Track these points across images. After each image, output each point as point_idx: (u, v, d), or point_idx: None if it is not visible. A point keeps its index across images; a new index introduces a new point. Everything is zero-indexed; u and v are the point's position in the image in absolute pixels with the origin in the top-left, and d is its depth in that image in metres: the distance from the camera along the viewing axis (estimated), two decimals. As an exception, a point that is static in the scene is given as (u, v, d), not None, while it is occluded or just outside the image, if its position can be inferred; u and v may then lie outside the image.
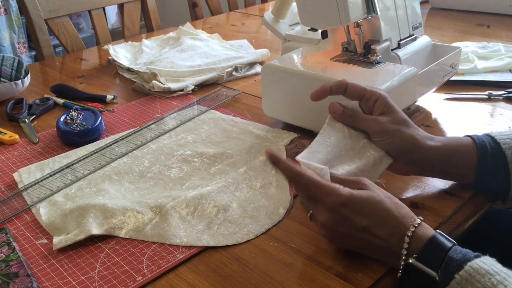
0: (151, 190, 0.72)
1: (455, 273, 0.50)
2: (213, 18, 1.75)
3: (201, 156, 0.80)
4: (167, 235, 0.62)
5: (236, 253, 0.60)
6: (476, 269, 0.49)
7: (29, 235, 0.64)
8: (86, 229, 0.62)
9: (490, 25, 1.43)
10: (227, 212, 0.66)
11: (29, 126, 0.93)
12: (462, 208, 0.66)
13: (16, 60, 1.05)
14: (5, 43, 2.53)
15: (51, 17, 1.39)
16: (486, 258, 0.50)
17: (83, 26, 2.89)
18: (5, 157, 0.83)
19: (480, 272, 0.48)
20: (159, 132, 0.89)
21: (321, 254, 0.58)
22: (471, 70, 1.07)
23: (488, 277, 0.48)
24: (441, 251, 0.52)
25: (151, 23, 1.64)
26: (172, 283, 0.56)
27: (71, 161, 0.80)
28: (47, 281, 0.57)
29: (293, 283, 0.55)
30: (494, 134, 0.66)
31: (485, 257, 0.51)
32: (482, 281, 0.48)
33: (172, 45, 1.29)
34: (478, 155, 0.64)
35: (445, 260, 0.51)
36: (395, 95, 0.79)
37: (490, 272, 0.48)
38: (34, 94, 1.09)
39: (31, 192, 0.72)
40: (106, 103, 1.03)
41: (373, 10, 0.84)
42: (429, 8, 1.66)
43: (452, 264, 0.50)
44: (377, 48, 0.86)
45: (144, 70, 1.10)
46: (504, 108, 0.93)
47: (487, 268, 0.49)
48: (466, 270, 0.49)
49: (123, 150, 0.83)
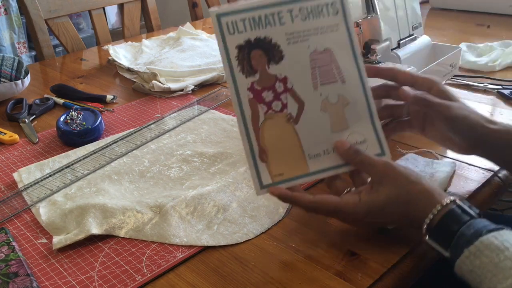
0: (151, 190, 0.72)
1: (464, 248, 0.50)
2: (213, 18, 1.75)
3: (201, 156, 0.80)
4: (167, 235, 0.62)
5: (236, 252, 0.60)
6: (486, 244, 0.49)
7: (29, 234, 0.64)
8: (86, 229, 0.62)
9: (490, 25, 1.43)
10: (227, 211, 0.66)
11: (29, 126, 0.93)
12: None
13: (16, 60, 1.05)
14: (5, 43, 2.53)
15: (51, 17, 1.39)
16: (501, 232, 0.50)
17: (83, 26, 2.89)
18: (5, 157, 0.83)
19: (489, 247, 0.48)
20: (159, 132, 0.89)
21: (321, 254, 0.58)
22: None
23: (496, 252, 0.48)
24: (455, 226, 0.52)
25: (151, 23, 1.64)
26: (172, 283, 0.56)
27: (71, 161, 0.80)
28: (46, 280, 0.57)
29: (293, 283, 0.55)
30: None
31: (502, 231, 0.50)
32: (490, 256, 0.48)
33: (172, 45, 1.29)
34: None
35: (456, 236, 0.51)
36: (395, 95, 0.79)
37: (500, 248, 0.48)
38: (34, 94, 1.09)
39: (31, 192, 0.72)
40: (106, 103, 1.03)
41: (373, 10, 0.84)
42: (429, 8, 1.66)
43: (462, 239, 0.50)
44: (377, 48, 0.86)
45: (144, 70, 1.10)
46: (504, 108, 0.93)
47: (497, 243, 0.48)
48: (476, 245, 0.49)
49: (123, 150, 0.83)
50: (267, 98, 0.59)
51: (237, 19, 0.57)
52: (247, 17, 0.58)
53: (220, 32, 0.57)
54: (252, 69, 0.58)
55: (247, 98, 0.58)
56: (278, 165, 0.58)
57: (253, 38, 0.58)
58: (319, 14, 0.61)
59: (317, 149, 0.60)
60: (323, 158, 0.60)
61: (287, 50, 0.59)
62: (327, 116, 0.61)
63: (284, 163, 0.59)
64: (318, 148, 0.60)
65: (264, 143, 0.58)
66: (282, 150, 0.59)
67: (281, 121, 0.59)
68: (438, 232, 0.53)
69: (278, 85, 0.59)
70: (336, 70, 0.61)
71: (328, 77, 0.61)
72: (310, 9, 0.60)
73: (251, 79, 0.58)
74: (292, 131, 0.59)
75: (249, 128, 0.58)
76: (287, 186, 0.58)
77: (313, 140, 0.60)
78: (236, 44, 0.57)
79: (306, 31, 0.60)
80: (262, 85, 0.58)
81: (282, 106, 0.59)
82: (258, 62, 0.58)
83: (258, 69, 0.58)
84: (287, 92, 0.59)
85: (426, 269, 0.58)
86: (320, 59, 0.60)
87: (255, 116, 0.58)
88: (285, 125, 0.59)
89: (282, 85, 0.59)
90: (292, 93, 0.59)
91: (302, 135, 0.59)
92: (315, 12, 0.60)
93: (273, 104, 0.59)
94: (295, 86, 0.59)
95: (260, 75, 0.58)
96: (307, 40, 0.60)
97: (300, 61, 0.60)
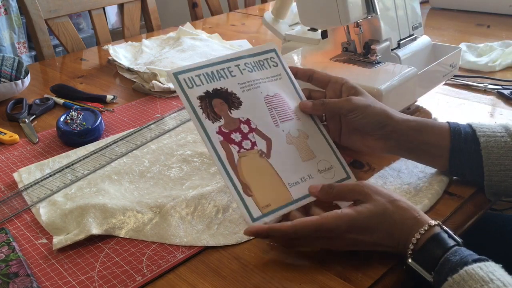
0: (151, 190, 0.72)
1: (448, 276, 0.49)
2: (213, 18, 1.75)
3: (201, 156, 0.80)
4: (167, 235, 0.62)
5: (236, 253, 0.60)
6: (471, 275, 0.48)
7: (29, 235, 0.64)
8: (86, 229, 0.62)
9: (490, 25, 1.43)
10: (227, 212, 0.66)
11: (29, 126, 0.93)
12: (462, 208, 0.66)
13: (16, 60, 1.05)
14: (5, 43, 2.53)
15: (51, 17, 1.39)
16: (487, 264, 0.49)
17: (83, 26, 2.89)
18: (5, 157, 0.83)
19: (474, 278, 0.47)
20: (159, 132, 0.89)
21: (321, 254, 0.58)
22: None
23: (480, 283, 0.47)
24: (440, 250, 0.51)
25: (151, 23, 1.64)
26: (172, 283, 0.56)
27: (71, 161, 0.80)
28: (47, 281, 0.57)
29: (293, 283, 0.55)
30: (472, 123, 0.67)
31: (487, 262, 0.49)
32: (474, 286, 0.47)
33: (172, 45, 1.29)
34: (451, 136, 0.65)
35: (441, 261, 0.51)
36: (395, 95, 0.80)
37: (485, 279, 0.47)
38: (34, 94, 1.09)
39: (31, 192, 0.72)
40: (106, 103, 1.03)
41: (373, 10, 0.84)
42: (429, 8, 1.66)
43: (447, 266, 0.50)
44: (377, 48, 0.86)
45: (144, 70, 1.10)
46: (504, 108, 0.93)
47: (482, 274, 0.47)
48: (460, 274, 0.48)
49: (123, 150, 0.83)
50: (236, 139, 0.63)
51: (193, 75, 0.64)
52: (201, 73, 0.65)
53: (180, 87, 0.63)
54: (216, 115, 0.63)
55: (218, 140, 0.61)
56: (264, 196, 0.60)
57: (211, 89, 0.64)
58: (262, 66, 0.69)
59: (295, 178, 0.64)
60: (302, 185, 0.63)
61: (243, 96, 0.66)
62: (294, 148, 0.66)
63: (268, 194, 0.61)
64: (295, 176, 0.64)
65: (245, 179, 0.60)
66: (263, 182, 0.61)
67: (255, 157, 0.63)
68: (422, 255, 0.52)
69: (243, 127, 0.64)
70: (289, 109, 0.68)
71: (285, 115, 0.67)
72: (254, 63, 0.69)
73: (217, 124, 0.62)
74: (267, 164, 0.63)
75: (227, 168, 0.60)
76: (276, 216, 0.60)
77: (289, 170, 0.64)
78: (197, 95, 0.63)
79: (255, 80, 0.68)
80: (229, 128, 0.63)
81: (252, 144, 0.63)
82: (221, 109, 0.64)
83: (222, 114, 0.63)
84: (253, 132, 0.65)
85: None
86: (274, 101, 0.67)
87: (230, 156, 0.61)
88: (260, 160, 0.63)
89: (247, 126, 0.64)
90: (257, 132, 0.65)
91: (277, 167, 0.63)
92: (259, 66, 0.69)
93: (243, 143, 0.63)
94: (258, 126, 0.65)
95: (225, 120, 0.63)
96: (259, 87, 0.67)
97: (257, 104, 0.66)
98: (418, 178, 0.70)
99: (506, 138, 0.64)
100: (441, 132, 0.66)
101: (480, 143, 0.64)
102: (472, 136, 0.65)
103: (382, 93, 0.77)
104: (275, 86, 0.69)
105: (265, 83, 0.68)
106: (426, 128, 0.66)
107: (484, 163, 0.63)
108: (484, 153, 0.63)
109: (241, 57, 0.68)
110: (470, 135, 0.65)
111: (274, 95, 0.68)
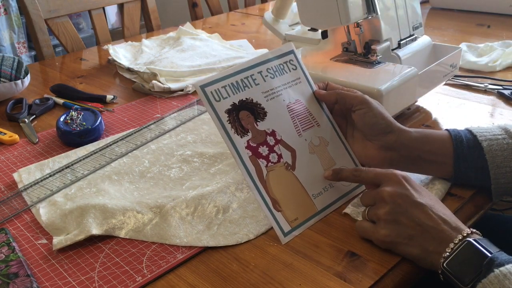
0: (151, 190, 0.72)
1: (494, 269, 0.50)
2: (213, 18, 1.75)
3: (201, 156, 0.80)
4: (167, 235, 0.62)
5: (236, 253, 0.60)
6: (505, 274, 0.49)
7: (29, 235, 0.64)
8: (86, 229, 0.62)
9: (490, 25, 1.43)
10: (227, 212, 0.66)
11: (29, 126, 0.93)
12: (462, 208, 0.66)
13: (16, 60, 1.05)
14: (5, 43, 2.53)
15: (51, 17, 1.39)
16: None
17: (83, 26, 2.89)
18: (5, 157, 0.83)
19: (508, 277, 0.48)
20: (159, 132, 0.89)
21: (321, 254, 0.58)
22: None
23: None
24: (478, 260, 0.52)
25: (151, 23, 1.64)
26: (172, 284, 0.56)
27: (71, 161, 0.80)
28: (47, 281, 0.57)
29: (293, 283, 0.55)
30: (471, 128, 0.67)
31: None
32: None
33: (172, 45, 1.29)
34: (453, 144, 0.66)
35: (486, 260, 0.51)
36: (395, 95, 0.80)
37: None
38: (34, 94, 1.09)
39: (31, 192, 0.72)
40: (106, 103, 1.03)
41: (373, 10, 0.84)
42: (429, 8, 1.66)
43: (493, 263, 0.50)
44: (377, 48, 0.86)
45: (144, 70, 1.10)
46: (504, 108, 0.93)
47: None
48: (507, 268, 0.49)
49: (123, 150, 0.83)
50: (263, 152, 0.64)
51: (219, 87, 0.64)
52: (226, 84, 0.65)
53: (208, 101, 0.63)
54: (244, 129, 0.64)
55: (247, 156, 0.62)
56: (291, 211, 0.63)
57: (237, 101, 0.65)
58: (282, 71, 0.70)
59: (318, 188, 0.66)
60: (325, 195, 0.66)
61: (268, 106, 0.67)
62: (316, 158, 0.68)
63: (295, 208, 0.63)
64: (318, 187, 0.66)
65: (273, 194, 0.62)
66: (290, 196, 0.64)
67: (282, 171, 0.65)
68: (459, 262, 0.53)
69: (269, 139, 0.65)
70: (310, 116, 0.70)
71: (306, 123, 0.69)
72: (275, 68, 0.69)
73: (246, 138, 0.63)
74: (293, 177, 0.65)
75: (257, 183, 0.62)
76: (303, 229, 0.62)
77: (312, 180, 0.66)
78: (225, 109, 0.63)
79: (277, 87, 0.68)
80: (256, 142, 0.64)
81: (278, 156, 0.65)
82: (247, 122, 0.65)
83: (249, 127, 0.64)
84: (278, 143, 0.66)
85: (427, 270, 0.58)
86: (295, 109, 0.69)
87: (259, 171, 0.63)
88: (286, 173, 0.65)
89: (273, 138, 0.65)
90: (283, 144, 0.66)
91: (302, 179, 0.65)
92: (280, 70, 0.70)
93: (270, 157, 0.64)
94: (283, 137, 0.66)
95: (252, 133, 0.64)
96: (281, 95, 0.68)
97: (281, 114, 0.67)
98: (420, 181, 0.70)
99: (507, 140, 0.64)
100: (443, 140, 0.66)
101: (483, 148, 0.64)
102: (473, 141, 0.65)
103: (382, 93, 0.77)
104: (295, 91, 0.70)
105: (286, 89, 0.69)
106: (427, 138, 0.67)
107: (490, 167, 0.64)
108: (488, 157, 0.64)
109: (263, 62, 0.68)
110: (472, 141, 0.65)
111: (295, 102, 0.69)
